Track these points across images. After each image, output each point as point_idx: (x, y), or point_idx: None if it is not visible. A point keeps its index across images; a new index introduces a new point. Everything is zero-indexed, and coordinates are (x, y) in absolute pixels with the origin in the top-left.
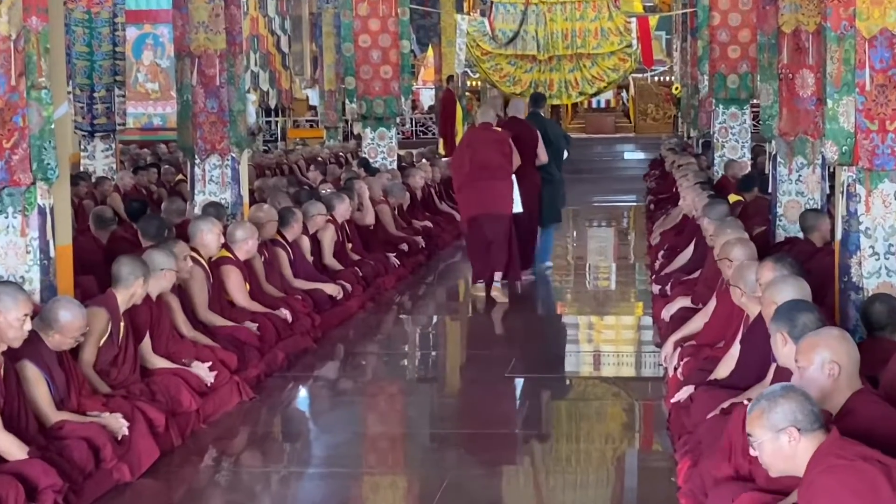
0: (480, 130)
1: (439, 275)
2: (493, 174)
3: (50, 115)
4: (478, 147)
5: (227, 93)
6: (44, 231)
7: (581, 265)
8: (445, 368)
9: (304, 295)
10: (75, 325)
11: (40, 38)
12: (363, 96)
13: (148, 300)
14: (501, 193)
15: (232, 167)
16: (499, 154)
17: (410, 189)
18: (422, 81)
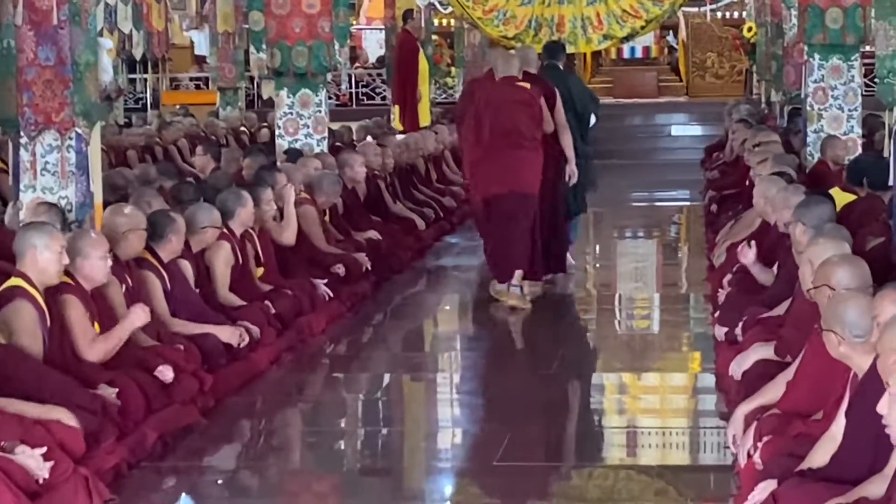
0: (503, 86)
1: (394, 312)
2: (520, 143)
3: None
4: (500, 107)
5: (69, 36)
6: None
7: (607, 296)
8: (402, 454)
9: (188, 343)
10: None
11: None
12: (276, 42)
13: None
14: (529, 167)
15: (77, 149)
16: (527, 117)
17: (349, 183)
18: (365, 20)
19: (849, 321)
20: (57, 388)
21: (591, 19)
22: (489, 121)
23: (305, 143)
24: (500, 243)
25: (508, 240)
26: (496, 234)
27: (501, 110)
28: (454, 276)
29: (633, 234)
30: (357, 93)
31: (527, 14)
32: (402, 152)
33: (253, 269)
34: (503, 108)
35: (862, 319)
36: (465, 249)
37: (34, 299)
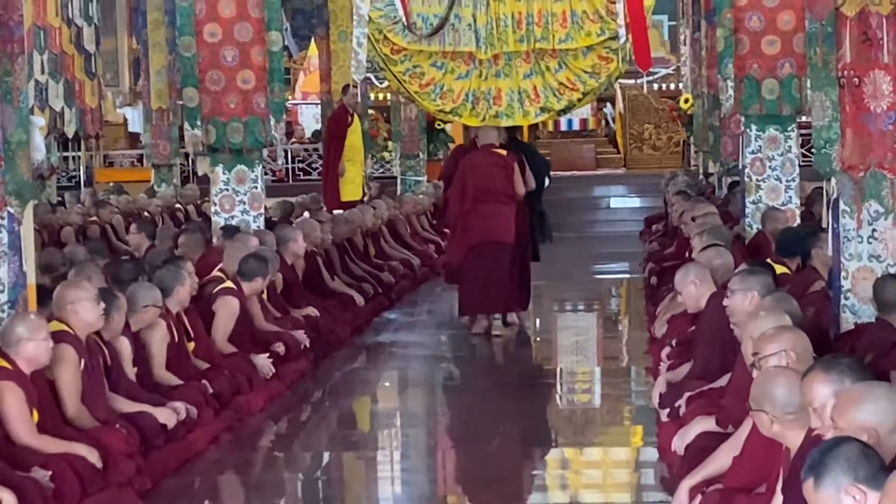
0: (482, 153)
1: (333, 389)
2: (498, 199)
3: None
4: (481, 171)
5: (1, 116)
6: None
7: (548, 371)
8: None
9: (125, 423)
10: None
11: None
12: (211, 117)
13: None
14: (506, 220)
15: (9, 229)
16: (503, 178)
17: (290, 258)
18: (301, 94)
19: (779, 399)
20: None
21: (527, 92)
22: (472, 181)
23: (242, 220)
24: (480, 284)
25: (487, 280)
26: (477, 276)
27: (483, 173)
28: (393, 352)
29: (574, 307)
30: (293, 168)
31: (463, 88)
32: (339, 227)
33: (186, 346)
34: (483, 171)
35: (792, 396)
36: (404, 325)
37: None
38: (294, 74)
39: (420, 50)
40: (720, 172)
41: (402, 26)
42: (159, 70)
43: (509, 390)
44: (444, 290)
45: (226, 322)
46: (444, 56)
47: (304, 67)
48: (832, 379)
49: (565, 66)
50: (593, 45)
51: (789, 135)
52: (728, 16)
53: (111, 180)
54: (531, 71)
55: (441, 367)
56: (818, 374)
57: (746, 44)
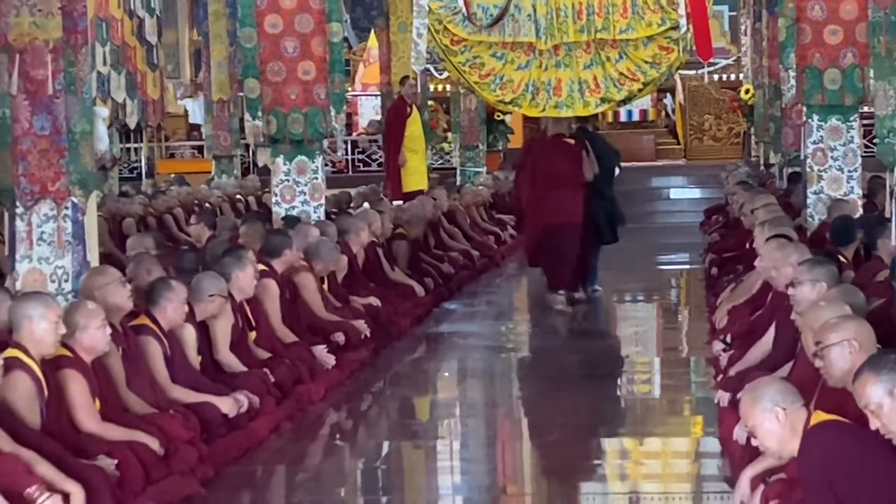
0: (552, 142)
1: (393, 379)
2: (566, 183)
3: None
4: (551, 158)
5: (64, 105)
6: None
7: (609, 361)
8: None
9: (187, 411)
10: None
11: None
12: (272, 108)
13: None
14: (574, 203)
15: (73, 219)
16: (572, 165)
17: (349, 250)
18: (361, 86)
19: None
20: (55, 458)
21: (588, 83)
22: (542, 167)
23: (302, 210)
24: (553, 261)
25: (559, 258)
26: (550, 254)
27: (552, 159)
28: (453, 342)
29: (634, 298)
30: (353, 159)
31: (523, 78)
32: (399, 218)
33: (248, 335)
34: (553, 158)
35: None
36: (464, 315)
37: (31, 371)
38: (353, 66)
39: (480, 40)
40: (781, 163)
41: (462, 17)
42: (220, 61)
43: (569, 380)
44: (503, 280)
45: (271, 305)
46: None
47: (363, 59)
48: (883, 378)
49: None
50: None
51: (851, 125)
52: (790, 5)
53: (172, 171)
54: (591, 61)
55: (500, 358)
56: (868, 375)
57: (808, 33)
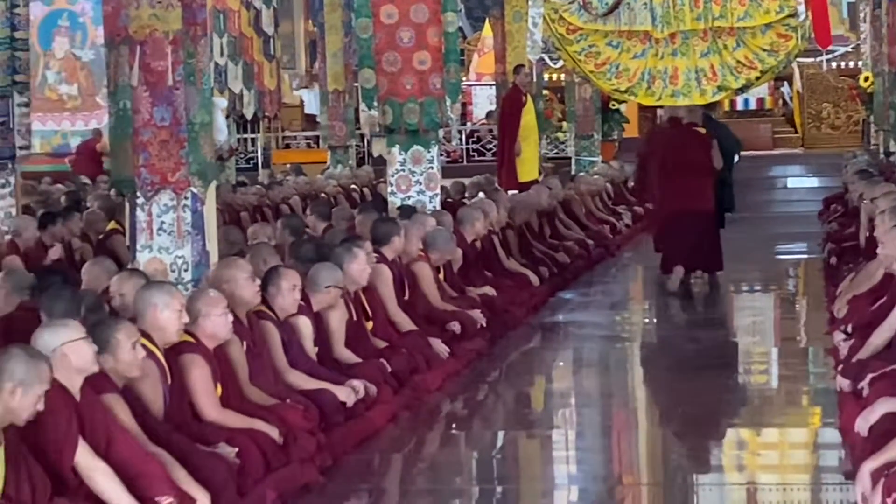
0: (683, 130)
1: (509, 368)
2: (696, 171)
3: None
4: (681, 146)
5: (184, 97)
6: None
7: (726, 351)
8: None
9: (306, 401)
10: None
11: None
12: (387, 98)
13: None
14: (703, 190)
15: (193, 209)
16: (702, 153)
17: (470, 237)
18: (475, 76)
19: None
20: (180, 446)
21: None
22: (672, 155)
23: (418, 200)
24: (681, 246)
25: (688, 244)
26: (678, 240)
27: (682, 147)
28: (569, 332)
29: (751, 288)
30: (468, 149)
31: (639, 67)
32: (514, 208)
33: (365, 325)
34: (684, 146)
35: None
36: (580, 305)
37: (156, 358)
38: (468, 56)
39: (596, 29)
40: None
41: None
42: (335, 52)
43: (685, 370)
44: (618, 270)
45: (386, 291)
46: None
47: (478, 48)
48: None
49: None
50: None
51: None
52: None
53: (288, 162)
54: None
55: (616, 348)
56: None
57: None
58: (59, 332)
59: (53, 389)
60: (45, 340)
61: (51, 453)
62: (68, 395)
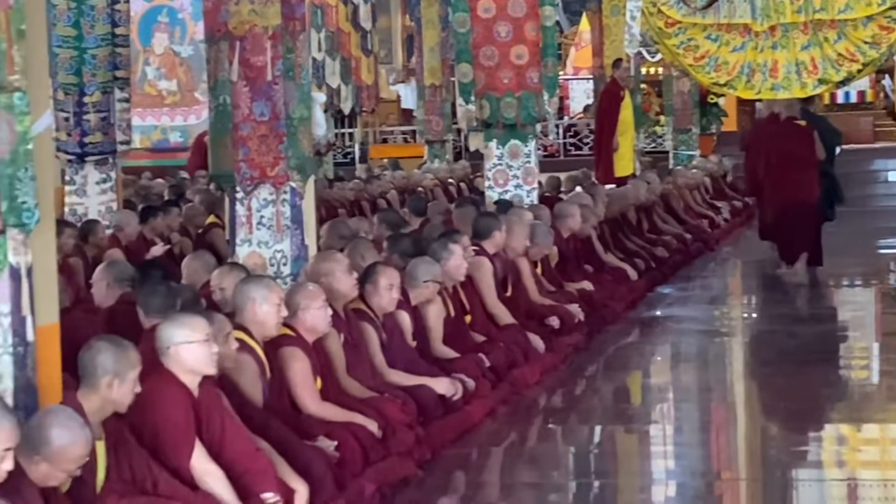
0: (784, 124)
1: (607, 363)
2: (799, 163)
3: (27, 131)
4: (784, 140)
5: (283, 92)
6: (18, 302)
7: (825, 346)
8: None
9: (404, 395)
10: (72, 452)
11: (11, 17)
12: (485, 93)
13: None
14: (807, 183)
15: (292, 203)
16: (805, 146)
17: (565, 233)
18: (572, 69)
19: None
20: (279, 438)
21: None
22: (776, 149)
23: (515, 195)
24: (787, 238)
25: (793, 236)
26: (784, 232)
27: (785, 141)
28: (667, 327)
29: (852, 282)
30: (565, 143)
31: (739, 60)
32: (612, 202)
33: (463, 320)
34: (786, 139)
35: None
36: (678, 300)
37: (254, 352)
38: (565, 50)
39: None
40: None
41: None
42: (432, 47)
43: (785, 365)
44: (717, 264)
45: (486, 283)
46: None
47: (575, 42)
48: None
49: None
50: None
51: None
52: None
53: (385, 156)
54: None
55: (715, 342)
56: None
57: None
58: (179, 329)
59: (171, 386)
60: (165, 334)
61: (168, 451)
62: (186, 393)
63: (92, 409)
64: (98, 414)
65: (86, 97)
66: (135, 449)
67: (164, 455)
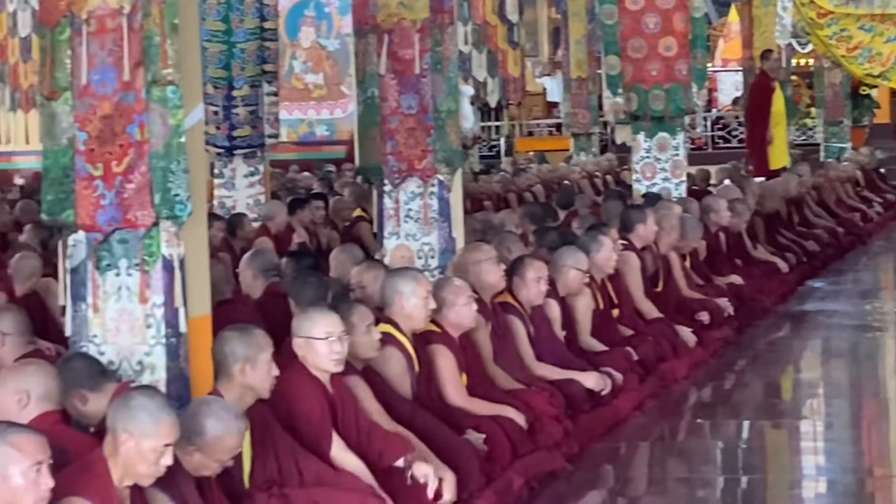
0: None
1: (757, 357)
2: None
3: (179, 124)
4: None
5: (431, 85)
6: (171, 294)
7: None
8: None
9: (552, 388)
10: (226, 443)
11: (165, 11)
12: (633, 85)
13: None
14: None
15: (439, 196)
16: None
17: (713, 227)
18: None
19: None
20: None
21: None
22: None
23: (663, 188)
24: None
25: None
26: None
27: None
28: (818, 321)
29: None
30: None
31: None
32: (763, 195)
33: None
34: None
35: None
36: (829, 294)
37: (402, 346)
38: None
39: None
40: None
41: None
42: (579, 39)
43: None
44: (869, 258)
45: (633, 278)
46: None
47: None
48: None
49: None
50: None
51: None
52: None
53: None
54: None
55: (867, 337)
56: None
57: None
58: (310, 323)
59: (304, 380)
60: (298, 327)
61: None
62: (319, 386)
63: (232, 400)
64: (238, 404)
65: (234, 91)
66: (281, 438)
67: (310, 449)
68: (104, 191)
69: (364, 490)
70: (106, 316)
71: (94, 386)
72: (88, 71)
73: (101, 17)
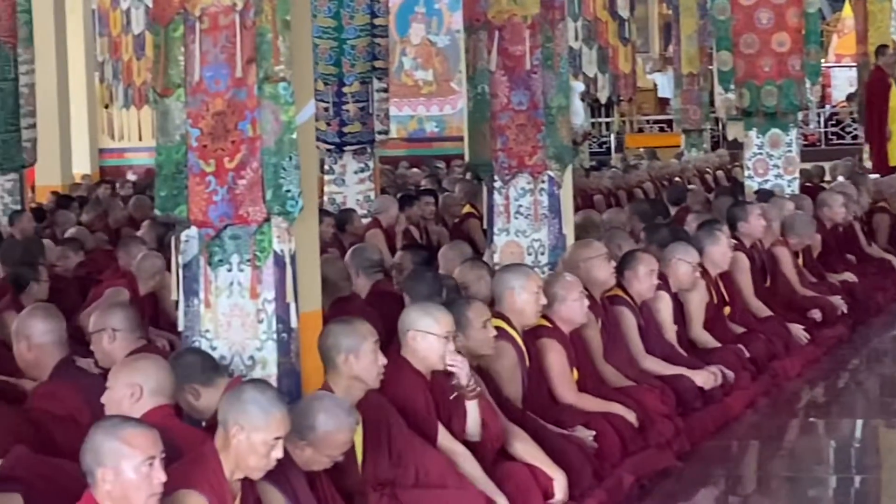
0: None
1: (870, 356)
2: None
3: (291, 120)
4: None
5: (542, 81)
6: (282, 289)
7: None
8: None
9: (663, 385)
10: (338, 438)
11: (277, 8)
12: (745, 81)
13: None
14: None
15: (550, 192)
16: None
17: (827, 223)
18: (835, 57)
19: None
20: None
21: None
22: None
23: (775, 184)
24: None
25: None
26: None
27: None
28: None
29: None
30: (826, 132)
31: None
32: (877, 193)
33: (723, 310)
34: None
35: None
36: None
37: (514, 341)
38: (827, 37)
39: None
40: None
41: None
42: (690, 35)
43: None
44: None
45: (743, 278)
46: None
47: (837, 29)
48: None
49: None
50: None
51: None
52: None
53: (640, 146)
54: None
55: None
56: None
57: None
58: (422, 317)
59: (407, 373)
60: (408, 318)
61: None
62: (421, 378)
63: (340, 393)
64: (348, 397)
65: (345, 87)
66: (398, 430)
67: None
68: (216, 187)
69: (477, 497)
70: (218, 311)
71: (206, 381)
72: (201, 68)
73: (213, 14)
